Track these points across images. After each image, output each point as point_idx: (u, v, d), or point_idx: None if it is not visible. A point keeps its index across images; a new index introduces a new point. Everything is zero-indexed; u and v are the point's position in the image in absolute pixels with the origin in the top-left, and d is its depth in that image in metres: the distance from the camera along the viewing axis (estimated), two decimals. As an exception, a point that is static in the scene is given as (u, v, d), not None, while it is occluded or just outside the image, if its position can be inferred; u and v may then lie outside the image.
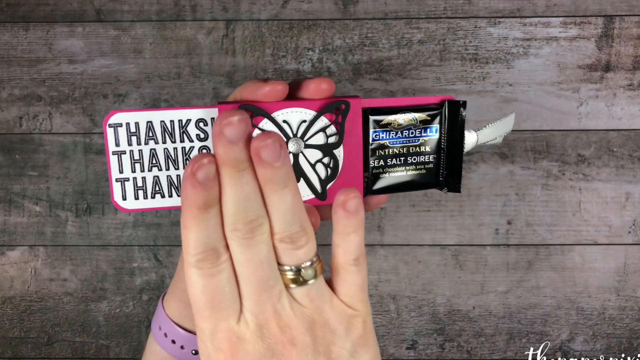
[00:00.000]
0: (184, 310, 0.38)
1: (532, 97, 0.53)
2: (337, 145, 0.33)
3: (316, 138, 0.33)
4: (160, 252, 0.54)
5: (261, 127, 0.32)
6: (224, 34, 0.53)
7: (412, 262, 0.54)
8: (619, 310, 0.53)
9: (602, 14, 0.53)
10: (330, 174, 0.34)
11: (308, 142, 0.33)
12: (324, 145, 0.33)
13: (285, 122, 0.32)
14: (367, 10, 0.53)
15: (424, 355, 0.54)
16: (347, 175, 0.34)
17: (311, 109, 0.32)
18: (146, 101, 0.53)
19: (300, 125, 0.33)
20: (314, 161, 0.33)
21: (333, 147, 0.33)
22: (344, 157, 0.33)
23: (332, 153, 0.33)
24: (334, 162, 0.33)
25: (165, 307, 0.39)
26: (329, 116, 0.32)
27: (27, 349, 0.54)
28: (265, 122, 0.32)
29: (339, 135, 0.33)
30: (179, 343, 0.38)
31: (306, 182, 0.33)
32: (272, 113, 0.32)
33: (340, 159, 0.33)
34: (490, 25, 0.53)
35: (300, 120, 0.32)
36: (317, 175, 0.33)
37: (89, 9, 0.54)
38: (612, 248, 0.53)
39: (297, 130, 0.33)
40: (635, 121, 0.53)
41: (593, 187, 0.53)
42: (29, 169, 0.54)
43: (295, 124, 0.33)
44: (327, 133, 0.33)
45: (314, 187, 0.33)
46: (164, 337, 0.39)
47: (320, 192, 0.33)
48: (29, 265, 0.54)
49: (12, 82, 0.54)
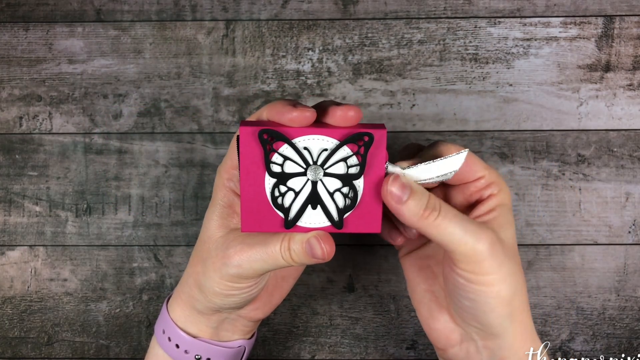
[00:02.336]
0: (190, 316, 0.38)
1: (532, 97, 0.53)
2: (357, 176, 0.32)
3: (337, 167, 0.32)
4: (160, 252, 0.54)
5: (281, 152, 0.32)
6: (224, 34, 0.53)
7: (412, 262, 0.54)
8: (619, 310, 0.53)
9: (602, 14, 0.53)
10: (349, 204, 0.33)
11: (328, 170, 0.32)
12: (344, 175, 0.32)
13: (305, 148, 0.32)
14: (367, 10, 0.53)
15: (424, 355, 0.54)
16: (366, 205, 0.33)
17: (334, 138, 0.32)
18: (146, 101, 0.53)
19: (321, 153, 0.32)
20: (332, 190, 0.33)
21: (353, 177, 0.32)
22: (364, 188, 0.33)
23: (352, 183, 0.32)
24: (354, 193, 0.32)
25: (170, 312, 0.39)
26: (352, 146, 0.32)
27: (27, 349, 0.54)
28: (285, 148, 0.31)
29: (361, 167, 0.32)
30: (183, 347, 0.38)
31: (323, 209, 0.33)
32: (294, 139, 0.31)
33: (359, 190, 0.33)
34: (490, 25, 0.53)
35: (321, 149, 0.32)
36: (334, 203, 0.33)
37: (89, 9, 0.54)
38: (612, 248, 0.53)
39: (318, 157, 0.32)
40: (635, 121, 0.53)
41: (593, 187, 0.53)
42: (29, 169, 0.54)
43: (316, 151, 0.32)
44: (349, 163, 0.32)
45: (330, 215, 0.33)
46: (167, 341, 0.39)
47: (337, 221, 0.33)
48: (29, 265, 0.54)
49: (12, 82, 0.54)
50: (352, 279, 0.54)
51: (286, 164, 0.32)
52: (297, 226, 0.33)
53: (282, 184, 0.32)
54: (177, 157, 0.54)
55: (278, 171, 0.32)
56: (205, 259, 0.36)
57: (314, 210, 0.33)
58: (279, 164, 0.32)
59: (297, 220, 0.33)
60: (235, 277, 0.34)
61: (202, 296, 0.36)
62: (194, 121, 0.53)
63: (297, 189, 0.32)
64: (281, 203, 0.32)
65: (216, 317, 0.38)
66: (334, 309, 0.54)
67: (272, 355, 0.54)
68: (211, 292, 0.35)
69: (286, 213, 0.32)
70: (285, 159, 0.32)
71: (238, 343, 0.40)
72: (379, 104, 0.53)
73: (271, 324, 0.54)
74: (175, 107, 0.53)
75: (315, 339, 0.54)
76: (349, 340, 0.54)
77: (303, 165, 0.32)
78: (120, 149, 0.54)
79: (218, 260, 0.34)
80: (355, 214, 0.33)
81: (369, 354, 0.54)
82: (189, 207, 0.54)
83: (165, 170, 0.54)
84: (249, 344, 0.42)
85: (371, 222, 0.33)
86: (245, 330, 0.40)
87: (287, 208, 0.32)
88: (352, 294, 0.54)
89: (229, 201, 0.36)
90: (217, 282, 0.35)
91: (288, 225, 0.33)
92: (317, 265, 0.54)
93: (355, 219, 0.33)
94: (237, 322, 0.40)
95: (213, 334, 0.39)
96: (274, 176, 0.32)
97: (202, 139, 0.53)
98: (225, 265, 0.34)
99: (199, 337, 0.38)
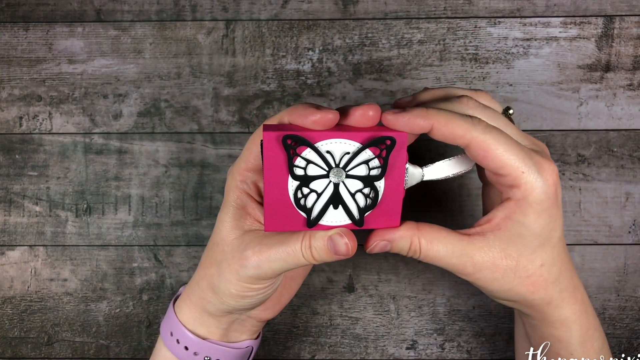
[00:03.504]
0: (200, 317, 0.38)
1: (532, 97, 0.53)
2: (379, 178, 0.33)
3: (358, 169, 0.32)
4: (160, 252, 0.54)
5: (304, 156, 0.32)
6: (224, 34, 0.53)
7: (412, 262, 0.54)
8: (619, 310, 0.53)
9: (602, 14, 0.53)
10: (370, 203, 0.33)
11: (350, 172, 0.33)
12: (366, 177, 0.33)
13: (328, 152, 0.32)
14: (367, 10, 0.53)
15: (424, 355, 0.54)
16: (386, 204, 0.33)
17: (356, 141, 0.32)
18: (146, 101, 0.53)
19: (343, 156, 0.32)
20: (354, 190, 0.33)
21: (375, 179, 0.33)
22: (385, 189, 0.33)
23: (373, 184, 0.33)
24: (375, 193, 0.33)
25: (178, 313, 0.39)
26: (373, 149, 0.32)
27: (27, 349, 0.54)
28: (308, 152, 0.32)
29: (382, 169, 0.32)
30: (192, 349, 0.38)
31: (345, 209, 0.33)
32: (316, 143, 0.32)
33: (380, 190, 0.33)
34: (490, 25, 0.53)
35: (343, 152, 0.32)
36: (356, 203, 0.33)
37: (89, 9, 0.54)
38: (612, 248, 0.53)
39: (340, 160, 0.32)
40: (635, 121, 0.53)
41: (593, 187, 0.53)
42: (29, 169, 0.54)
43: (338, 154, 0.32)
44: (370, 165, 0.32)
45: (351, 215, 0.33)
46: (176, 343, 0.38)
47: (357, 219, 0.33)
48: (29, 265, 0.54)
49: (12, 82, 0.54)
50: (352, 279, 0.54)
51: (309, 167, 0.32)
52: (319, 225, 0.33)
53: (305, 186, 0.32)
54: (177, 157, 0.54)
55: (301, 174, 0.32)
56: (220, 261, 0.35)
57: (335, 210, 0.33)
58: (302, 167, 0.32)
59: (319, 219, 0.33)
60: (253, 279, 0.34)
61: (216, 298, 0.36)
62: (194, 121, 0.53)
63: (319, 191, 0.33)
64: (304, 204, 0.33)
65: (227, 318, 0.38)
66: (334, 309, 0.54)
67: (272, 355, 0.54)
68: (227, 294, 0.35)
69: (308, 213, 0.33)
70: (308, 162, 0.32)
71: (246, 343, 0.40)
72: (379, 104, 0.53)
73: (271, 324, 0.54)
74: (175, 107, 0.53)
75: (315, 339, 0.54)
76: (349, 340, 0.54)
77: (325, 168, 0.32)
78: (120, 149, 0.54)
79: (235, 262, 0.34)
80: (375, 212, 0.33)
81: (369, 354, 0.54)
82: (189, 207, 0.54)
83: (165, 170, 0.54)
84: (256, 344, 0.42)
85: (391, 218, 0.34)
86: (253, 330, 0.41)
87: (310, 208, 0.33)
88: (352, 294, 0.54)
89: (242, 203, 0.36)
90: (234, 283, 0.35)
91: (311, 224, 0.33)
92: (317, 265, 0.54)
93: (375, 217, 0.34)
94: (247, 322, 0.40)
95: (222, 335, 0.39)
96: (297, 179, 0.32)
97: (202, 139, 0.53)
98: (244, 267, 0.34)
99: (208, 338, 0.38)
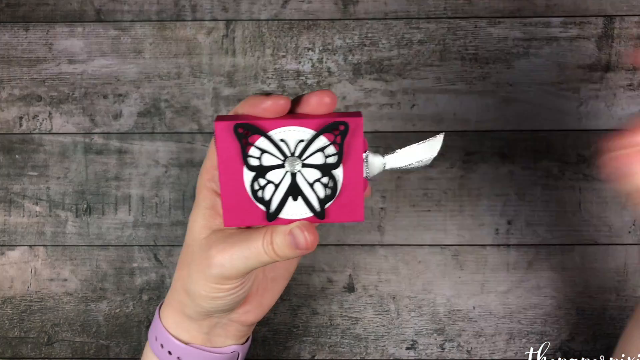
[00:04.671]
0: (181, 322, 0.38)
1: (532, 97, 0.53)
2: (336, 165, 0.32)
3: (314, 158, 0.32)
4: (160, 252, 0.54)
5: (258, 146, 0.31)
6: (224, 34, 0.53)
7: (412, 262, 0.54)
8: (619, 310, 0.53)
9: (602, 14, 0.53)
10: (330, 193, 0.33)
11: (306, 161, 0.32)
12: (323, 165, 0.32)
13: (282, 140, 0.31)
14: (367, 10, 0.53)
15: (424, 355, 0.54)
16: (347, 195, 0.33)
17: (309, 128, 0.31)
18: (146, 101, 0.53)
19: (298, 144, 0.32)
20: (312, 180, 0.32)
21: (332, 167, 0.32)
22: (344, 177, 0.32)
23: (331, 173, 0.32)
24: (333, 182, 0.32)
25: (162, 318, 0.39)
26: (328, 136, 0.32)
27: (27, 349, 0.54)
28: (262, 140, 0.31)
29: (338, 156, 0.32)
30: (175, 354, 0.38)
31: (304, 200, 0.33)
32: (269, 132, 0.31)
33: (339, 180, 0.33)
34: (490, 25, 0.53)
35: (297, 140, 0.31)
36: (315, 194, 0.33)
37: (89, 9, 0.54)
38: (612, 248, 0.53)
39: (295, 149, 0.32)
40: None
41: (593, 187, 0.53)
42: (29, 169, 0.54)
43: (292, 143, 0.32)
44: (326, 153, 0.32)
45: (312, 206, 0.33)
46: (160, 347, 0.38)
47: (319, 211, 0.33)
48: (29, 265, 0.54)
49: (12, 82, 0.54)
50: (352, 279, 0.54)
51: (264, 157, 0.32)
52: (279, 219, 0.33)
53: (261, 177, 0.32)
54: (177, 157, 0.54)
55: (256, 164, 0.32)
56: (189, 263, 0.35)
57: (295, 202, 0.32)
58: (257, 157, 0.32)
59: (278, 213, 0.32)
60: (218, 278, 0.34)
61: (190, 300, 0.36)
62: (194, 121, 0.53)
63: (276, 182, 0.32)
64: (262, 196, 0.32)
65: (207, 322, 0.38)
66: (334, 309, 0.54)
67: (272, 355, 0.54)
68: (197, 295, 0.35)
69: (267, 206, 0.32)
70: (262, 151, 0.31)
71: (231, 348, 0.40)
72: (379, 104, 0.53)
73: (271, 324, 0.54)
74: (175, 107, 0.53)
75: (315, 339, 0.54)
76: (349, 340, 0.54)
77: (281, 158, 0.32)
78: (120, 149, 0.54)
79: (201, 262, 0.34)
80: (336, 204, 0.33)
81: (369, 354, 0.54)
82: (189, 207, 0.54)
83: (165, 170, 0.54)
84: (243, 349, 0.41)
85: (353, 210, 0.33)
86: (238, 335, 0.40)
87: (268, 201, 0.32)
88: (352, 294, 0.54)
89: (211, 202, 0.35)
90: (202, 285, 0.34)
91: (270, 218, 0.33)
92: (317, 265, 0.54)
93: (337, 209, 0.33)
94: (229, 326, 0.39)
95: (205, 340, 0.38)
96: (252, 170, 0.32)
97: (202, 139, 0.53)
98: (208, 267, 0.34)
99: (191, 343, 0.38)
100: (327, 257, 0.54)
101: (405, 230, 0.53)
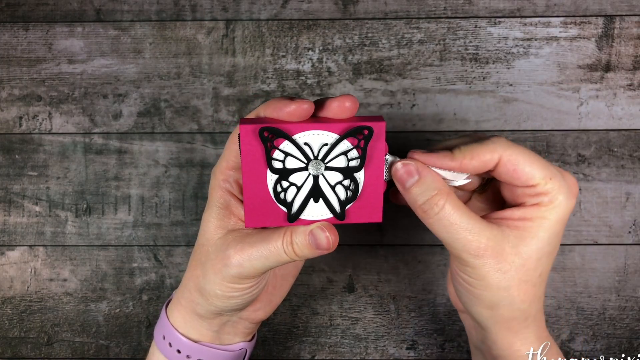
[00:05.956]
0: (191, 320, 0.38)
1: (532, 97, 0.53)
2: (358, 169, 0.32)
3: (337, 161, 0.32)
4: (160, 252, 0.54)
5: (282, 149, 0.32)
6: (224, 34, 0.53)
7: (412, 262, 0.54)
8: (619, 310, 0.53)
9: (602, 14, 0.53)
10: (351, 196, 0.33)
11: (329, 164, 0.32)
12: (345, 168, 0.32)
13: (306, 144, 0.32)
14: (367, 10, 0.53)
15: (424, 355, 0.54)
16: (367, 197, 0.33)
17: (333, 132, 0.32)
18: (146, 101, 0.53)
19: (321, 148, 0.32)
20: (334, 183, 0.33)
21: (354, 170, 0.33)
22: (365, 180, 0.33)
23: (353, 176, 0.33)
24: (355, 185, 0.33)
25: (170, 317, 0.39)
26: (352, 140, 0.32)
27: (27, 349, 0.54)
28: (286, 144, 0.32)
29: (361, 160, 0.32)
30: (185, 353, 0.38)
31: (325, 202, 0.33)
32: (294, 135, 0.31)
33: (360, 182, 0.33)
34: (490, 25, 0.53)
35: (321, 143, 0.32)
36: (336, 196, 0.33)
37: (89, 9, 0.54)
38: (612, 248, 0.53)
39: (318, 152, 0.32)
40: (635, 121, 0.53)
41: (593, 187, 0.53)
42: (29, 169, 0.54)
43: (316, 146, 0.32)
44: (349, 157, 0.32)
45: (332, 208, 0.33)
46: (168, 346, 0.38)
47: (339, 213, 0.33)
48: (29, 265, 0.54)
49: (12, 82, 0.54)
50: (352, 279, 0.54)
51: (287, 160, 0.32)
52: (300, 219, 0.33)
53: (284, 179, 0.32)
54: (177, 157, 0.54)
55: (279, 167, 0.32)
56: (204, 262, 0.35)
57: (315, 204, 0.33)
58: (280, 160, 0.32)
59: (300, 214, 0.33)
60: (236, 278, 0.34)
61: (203, 300, 0.36)
62: (193, 121, 0.53)
63: (299, 184, 0.32)
64: (284, 198, 0.32)
65: (218, 320, 0.38)
66: (334, 309, 0.54)
67: (272, 355, 0.54)
68: (212, 295, 0.35)
69: (289, 207, 0.33)
70: (286, 155, 0.32)
71: (239, 346, 0.40)
72: (379, 104, 0.53)
73: (271, 324, 0.54)
74: (175, 107, 0.53)
75: (315, 339, 0.54)
76: (349, 341, 0.54)
77: (304, 161, 0.32)
78: (120, 149, 0.54)
79: (218, 262, 0.34)
80: (356, 205, 0.33)
81: (369, 354, 0.54)
82: (189, 207, 0.54)
83: (165, 170, 0.54)
84: (250, 346, 0.42)
85: (372, 212, 0.34)
86: (246, 332, 0.40)
87: (290, 202, 0.33)
88: (352, 294, 0.54)
89: (225, 202, 0.35)
90: (218, 284, 0.35)
91: (291, 219, 0.33)
92: (317, 265, 0.54)
93: (357, 210, 0.33)
94: (239, 324, 0.39)
95: (214, 338, 0.39)
96: (275, 172, 0.32)
97: (202, 139, 0.53)
98: (226, 267, 0.34)
99: (200, 341, 0.38)
100: (327, 257, 0.54)
101: (405, 230, 0.53)
